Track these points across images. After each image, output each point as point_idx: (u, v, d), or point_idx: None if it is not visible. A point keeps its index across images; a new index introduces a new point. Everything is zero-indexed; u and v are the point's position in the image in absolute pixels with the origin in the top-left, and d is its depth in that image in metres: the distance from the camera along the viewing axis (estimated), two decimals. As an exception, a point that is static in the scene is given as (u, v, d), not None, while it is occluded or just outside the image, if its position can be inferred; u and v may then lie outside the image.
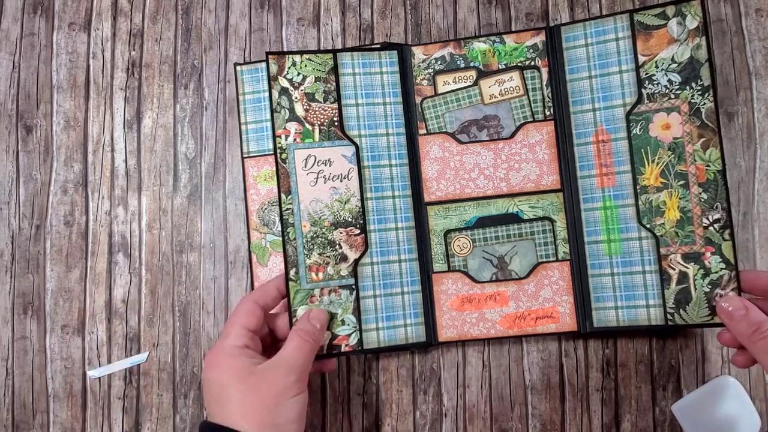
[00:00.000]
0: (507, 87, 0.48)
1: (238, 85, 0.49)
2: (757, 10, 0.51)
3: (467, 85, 0.48)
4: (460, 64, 0.48)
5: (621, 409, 0.49)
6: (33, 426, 0.50)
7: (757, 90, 0.50)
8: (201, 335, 0.50)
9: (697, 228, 0.44)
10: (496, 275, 0.47)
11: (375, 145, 0.47)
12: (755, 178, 0.50)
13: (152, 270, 0.51)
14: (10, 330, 0.50)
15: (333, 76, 0.46)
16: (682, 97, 0.44)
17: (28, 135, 0.52)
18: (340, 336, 0.45)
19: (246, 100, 0.49)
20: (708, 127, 0.44)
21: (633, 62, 0.45)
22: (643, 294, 0.45)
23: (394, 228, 0.47)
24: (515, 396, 0.50)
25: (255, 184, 0.49)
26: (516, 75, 0.48)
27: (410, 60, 0.48)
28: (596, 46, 0.46)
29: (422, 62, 0.48)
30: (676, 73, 0.45)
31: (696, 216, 0.44)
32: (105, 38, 0.53)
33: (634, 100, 0.45)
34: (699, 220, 0.44)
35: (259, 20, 0.53)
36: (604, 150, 0.46)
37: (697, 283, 0.44)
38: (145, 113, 0.52)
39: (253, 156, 0.49)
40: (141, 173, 0.52)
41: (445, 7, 0.52)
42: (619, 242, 0.46)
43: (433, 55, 0.48)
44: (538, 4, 0.52)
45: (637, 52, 0.45)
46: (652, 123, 0.45)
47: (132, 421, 0.50)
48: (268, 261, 0.48)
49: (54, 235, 0.51)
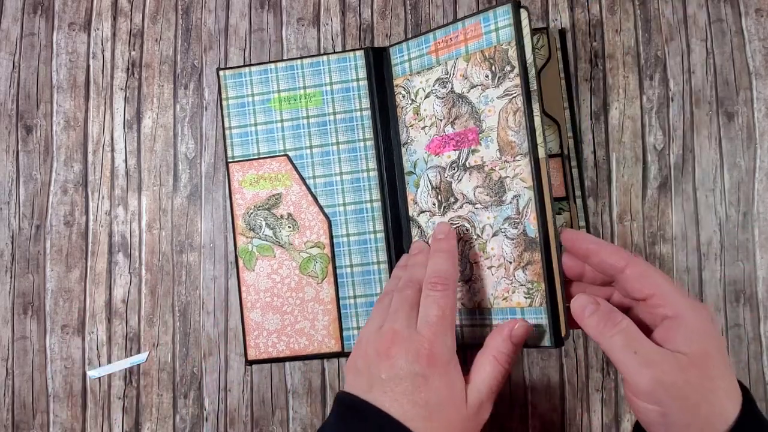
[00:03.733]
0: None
1: (221, 89, 0.49)
2: (757, 10, 0.51)
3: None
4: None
5: (621, 409, 0.49)
6: (33, 426, 0.50)
7: (757, 90, 0.50)
8: (201, 335, 0.50)
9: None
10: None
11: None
12: (755, 178, 0.50)
13: (152, 270, 0.51)
14: (10, 330, 0.50)
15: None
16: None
17: (28, 135, 0.52)
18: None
19: (230, 104, 0.49)
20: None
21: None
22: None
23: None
24: (515, 396, 0.50)
25: (240, 188, 0.49)
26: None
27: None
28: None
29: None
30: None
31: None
32: (105, 38, 0.53)
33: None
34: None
35: (259, 20, 0.53)
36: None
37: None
38: (145, 113, 0.52)
39: (238, 161, 0.49)
40: (141, 173, 0.52)
41: (445, 7, 0.52)
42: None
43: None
44: (538, 5, 0.52)
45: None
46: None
47: (132, 421, 0.50)
48: (255, 265, 0.48)
49: (54, 235, 0.51)
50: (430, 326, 0.36)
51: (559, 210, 0.48)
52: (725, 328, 0.49)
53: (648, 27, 0.51)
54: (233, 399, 0.50)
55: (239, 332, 0.50)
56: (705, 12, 0.51)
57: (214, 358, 0.50)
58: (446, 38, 0.45)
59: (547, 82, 0.48)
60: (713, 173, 0.50)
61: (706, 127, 0.50)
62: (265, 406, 0.50)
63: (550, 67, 0.48)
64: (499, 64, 0.42)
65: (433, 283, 0.38)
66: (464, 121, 0.44)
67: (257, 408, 0.50)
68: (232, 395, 0.50)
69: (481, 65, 0.43)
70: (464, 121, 0.44)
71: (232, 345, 0.50)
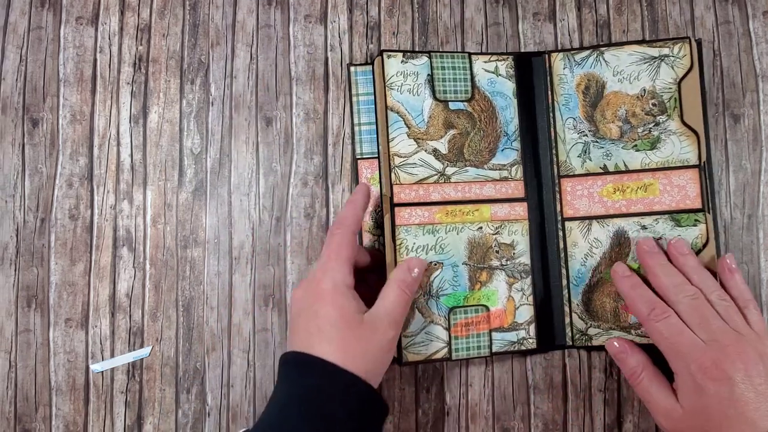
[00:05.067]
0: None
1: (352, 86, 0.50)
2: (764, 12, 0.51)
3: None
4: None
5: (623, 410, 0.49)
6: (35, 419, 0.50)
7: (763, 92, 0.50)
8: (204, 330, 0.50)
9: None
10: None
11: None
12: (761, 180, 0.50)
13: (156, 265, 0.51)
14: (14, 323, 0.50)
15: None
16: None
17: (34, 128, 0.52)
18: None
19: (360, 101, 0.49)
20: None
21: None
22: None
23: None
24: (518, 395, 0.50)
25: (368, 185, 0.48)
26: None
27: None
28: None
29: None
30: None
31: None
32: (112, 33, 0.53)
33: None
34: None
35: (267, 17, 0.53)
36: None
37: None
38: (152, 108, 0.52)
39: (366, 158, 0.49)
40: (146, 168, 0.52)
41: (452, 5, 0.52)
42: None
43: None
44: (545, 4, 0.52)
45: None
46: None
47: (134, 415, 0.50)
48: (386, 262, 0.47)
49: (59, 229, 0.51)
50: (321, 266, 0.42)
51: (695, 222, 0.47)
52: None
53: (656, 28, 0.51)
54: (236, 395, 0.50)
55: (242, 328, 0.50)
56: (712, 14, 0.51)
57: (217, 353, 0.50)
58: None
59: (686, 92, 0.47)
60: (719, 175, 0.50)
61: (711, 128, 0.50)
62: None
63: (690, 77, 0.47)
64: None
65: (333, 227, 0.43)
66: None
67: (260, 404, 0.50)
68: (234, 391, 0.50)
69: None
70: None
71: (235, 341, 0.50)
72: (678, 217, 0.47)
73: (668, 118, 0.47)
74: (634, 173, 0.47)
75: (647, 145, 0.47)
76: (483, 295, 0.47)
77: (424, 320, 0.47)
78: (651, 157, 0.47)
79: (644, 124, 0.47)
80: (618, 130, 0.48)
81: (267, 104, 0.52)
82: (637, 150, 0.47)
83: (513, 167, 0.48)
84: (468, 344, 0.47)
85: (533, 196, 0.48)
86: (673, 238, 0.46)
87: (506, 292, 0.48)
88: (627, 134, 0.48)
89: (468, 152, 0.48)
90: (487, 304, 0.47)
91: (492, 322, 0.47)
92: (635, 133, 0.48)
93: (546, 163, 0.49)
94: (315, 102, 0.52)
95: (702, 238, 0.46)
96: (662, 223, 0.47)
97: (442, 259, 0.47)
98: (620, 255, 0.47)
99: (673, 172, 0.47)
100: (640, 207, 0.47)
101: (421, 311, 0.47)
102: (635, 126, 0.48)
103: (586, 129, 0.48)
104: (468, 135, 0.48)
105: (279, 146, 0.51)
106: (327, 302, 0.40)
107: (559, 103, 0.48)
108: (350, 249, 0.42)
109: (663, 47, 0.47)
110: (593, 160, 0.48)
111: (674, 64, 0.47)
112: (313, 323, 0.40)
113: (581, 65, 0.48)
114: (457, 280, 0.47)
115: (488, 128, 0.48)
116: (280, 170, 0.51)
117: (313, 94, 0.52)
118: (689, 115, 0.47)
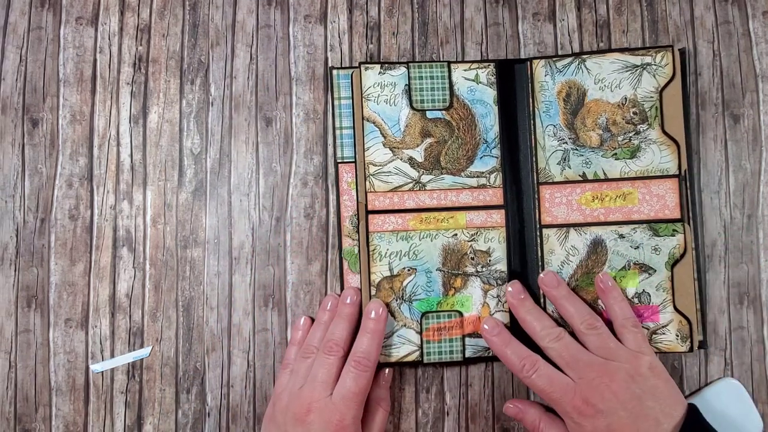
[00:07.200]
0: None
1: (333, 89, 0.50)
2: (764, 12, 0.51)
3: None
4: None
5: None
6: (35, 419, 0.50)
7: (763, 92, 0.50)
8: (204, 331, 0.50)
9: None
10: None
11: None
12: (761, 180, 0.50)
13: (156, 265, 0.51)
14: (14, 323, 0.50)
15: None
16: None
17: (34, 128, 0.52)
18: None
19: (342, 104, 0.49)
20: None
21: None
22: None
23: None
24: (517, 395, 0.50)
25: (348, 189, 0.48)
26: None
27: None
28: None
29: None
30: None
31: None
32: (112, 33, 0.53)
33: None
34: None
35: (266, 17, 0.53)
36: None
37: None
38: (151, 108, 0.52)
39: (347, 162, 0.49)
40: (146, 168, 0.52)
41: (452, 5, 0.52)
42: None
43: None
44: (545, 5, 0.52)
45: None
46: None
47: (134, 415, 0.50)
48: (360, 268, 0.48)
49: (58, 229, 0.51)
50: (345, 400, 0.42)
51: (673, 232, 0.47)
52: (729, 330, 0.49)
53: (656, 28, 0.51)
54: (236, 395, 0.50)
55: (242, 328, 0.50)
56: (712, 14, 0.51)
57: (217, 353, 0.50)
58: None
59: (668, 101, 0.47)
60: (718, 175, 0.50)
61: (711, 129, 0.50)
62: (265, 402, 0.50)
63: (672, 86, 0.47)
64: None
65: (357, 361, 0.44)
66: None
67: (260, 404, 0.50)
68: (234, 391, 0.50)
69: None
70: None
71: (235, 341, 0.50)
72: (656, 226, 0.47)
73: (649, 127, 0.47)
74: (614, 182, 0.47)
75: (627, 153, 0.47)
76: (457, 300, 0.48)
77: (396, 323, 0.47)
78: (631, 165, 0.47)
79: (624, 133, 0.47)
80: (598, 138, 0.48)
81: (267, 104, 0.52)
82: (617, 158, 0.47)
83: (492, 174, 0.48)
84: (440, 348, 0.47)
85: (513, 204, 0.49)
86: (543, 272, 0.47)
87: (481, 299, 0.48)
88: (607, 142, 0.48)
89: (445, 160, 0.48)
90: (461, 309, 0.48)
91: (465, 327, 0.48)
92: (615, 142, 0.47)
93: (527, 170, 0.49)
94: (315, 102, 0.52)
95: (680, 249, 0.47)
96: (640, 233, 0.47)
97: (415, 264, 0.47)
98: (596, 263, 0.47)
99: (652, 182, 0.47)
100: (618, 216, 0.47)
101: (394, 314, 0.47)
102: (615, 134, 0.48)
103: (566, 136, 0.48)
104: (445, 143, 0.48)
105: (279, 146, 0.51)
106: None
107: (539, 110, 0.48)
108: (368, 390, 0.44)
109: (645, 56, 0.47)
110: (572, 167, 0.48)
111: (656, 73, 0.47)
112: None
113: (563, 72, 0.48)
114: (430, 286, 0.47)
115: (467, 136, 0.48)
116: (280, 170, 0.51)
117: (313, 94, 0.52)
118: (670, 125, 0.47)
